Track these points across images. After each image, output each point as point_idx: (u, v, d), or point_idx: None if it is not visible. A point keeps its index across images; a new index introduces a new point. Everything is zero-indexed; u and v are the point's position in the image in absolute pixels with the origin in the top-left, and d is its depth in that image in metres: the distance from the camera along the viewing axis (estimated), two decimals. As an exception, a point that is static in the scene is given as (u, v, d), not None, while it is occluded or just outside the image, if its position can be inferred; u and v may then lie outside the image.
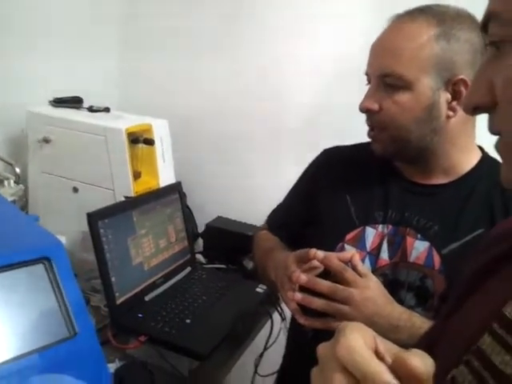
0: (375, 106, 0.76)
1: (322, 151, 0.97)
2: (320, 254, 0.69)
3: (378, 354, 0.29)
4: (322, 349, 0.31)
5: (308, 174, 0.97)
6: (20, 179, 1.10)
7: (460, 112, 0.74)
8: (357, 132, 0.85)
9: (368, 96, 0.77)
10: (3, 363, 0.47)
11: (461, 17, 0.72)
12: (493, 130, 0.35)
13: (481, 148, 0.82)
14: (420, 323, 0.67)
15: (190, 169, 1.38)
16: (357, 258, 0.70)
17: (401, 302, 0.77)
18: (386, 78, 0.74)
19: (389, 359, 0.28)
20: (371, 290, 0.68)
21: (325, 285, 0.67)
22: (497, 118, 0.34)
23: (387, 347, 0.29)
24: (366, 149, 0.87)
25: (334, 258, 0.69)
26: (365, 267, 0.72)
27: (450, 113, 0.74)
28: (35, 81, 1.26)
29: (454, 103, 0.73)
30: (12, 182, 1.05)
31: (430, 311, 0.75)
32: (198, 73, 1.51)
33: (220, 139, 1.51)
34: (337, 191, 0.87)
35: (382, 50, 0.75)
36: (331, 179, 0.89)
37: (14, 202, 0.84)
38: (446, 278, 0.75)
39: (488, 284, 0.39)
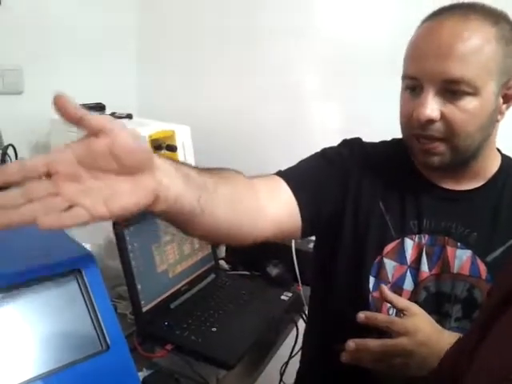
0: (437, 115, 0.68)
1: (342, 142, 0.85)
2: (361, 316, 0.67)
3: None
4: None
5: (329, 161, 0.81)
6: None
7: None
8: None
9: (426, 103, 0.68)
10: (36, 378, 0.47)
11: (507, 17, 0.69)
12: None
13: (497, 149, 0.80)
14: None
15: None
16: (388, 294, 0.68)
17: (448, 315, 0.74)
18: (450, 84, 0.67)
19: None
20: (422, 332, 0.64)
21: (375, 345, 0.65)
22: None
23: None
24: (387, 150, 0.82)
25: (377, 315, 0.67)
26: (403, 301, 0.68)
27: (499, 116, 0.71)
28: (59, 89, 1.27)
29: (504, 106, 0.71)
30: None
31: None
32: (221, 79, 1.51)
33: (243, 145, 1.50)
34: (369, 196, 0.78)
35: (441, 53, 0.66)
36: (359, 180, 0.79)
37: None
38: None
39: None
